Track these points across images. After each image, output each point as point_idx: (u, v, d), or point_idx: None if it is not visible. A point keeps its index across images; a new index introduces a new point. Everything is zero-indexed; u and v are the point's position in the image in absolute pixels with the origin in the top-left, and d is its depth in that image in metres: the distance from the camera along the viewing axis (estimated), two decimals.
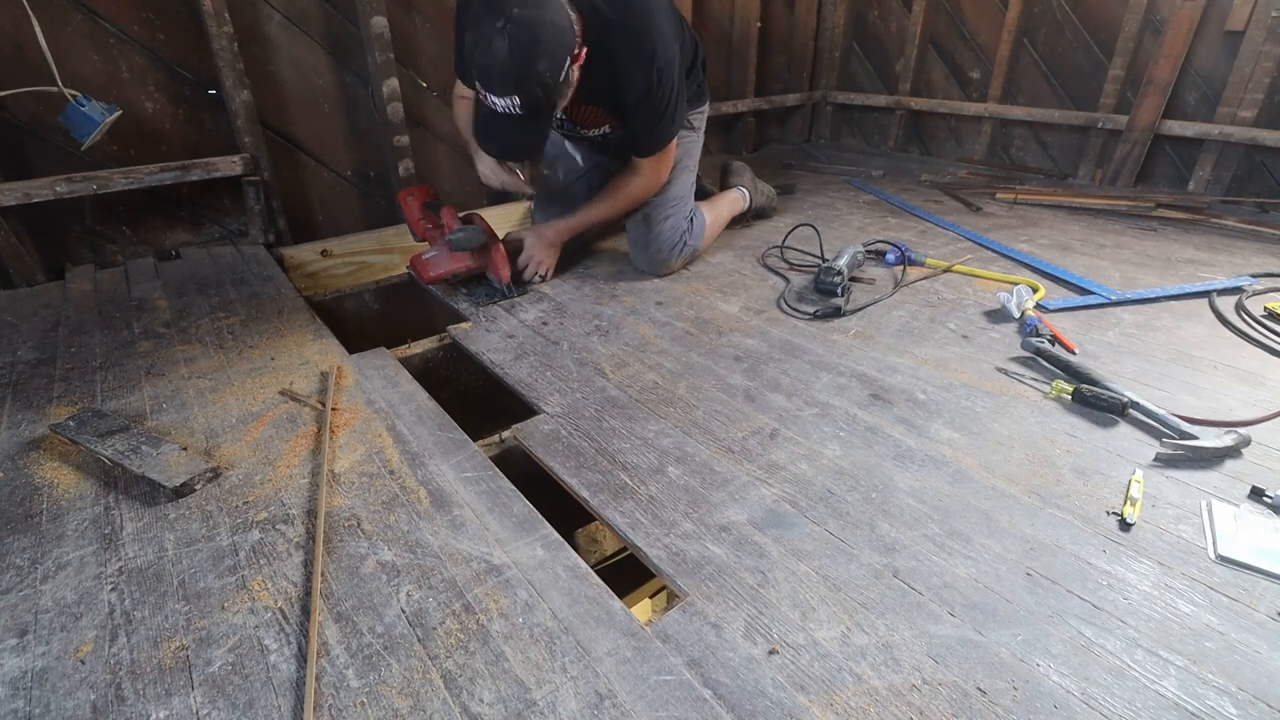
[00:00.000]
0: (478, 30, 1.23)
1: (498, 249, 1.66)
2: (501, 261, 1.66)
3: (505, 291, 1.69)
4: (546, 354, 1.42)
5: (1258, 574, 0.85)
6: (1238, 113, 2.34)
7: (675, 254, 1.80)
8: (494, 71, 1.23)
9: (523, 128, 1.33)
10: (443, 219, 1.67)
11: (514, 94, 1.25)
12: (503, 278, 1.67)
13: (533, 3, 1.22)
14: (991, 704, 0.69)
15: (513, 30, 1.20)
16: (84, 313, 1.55)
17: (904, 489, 1.01)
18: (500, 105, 1.27)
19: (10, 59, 1.59)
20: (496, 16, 1.20)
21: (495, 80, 1.25)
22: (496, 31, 1.20)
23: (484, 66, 1.24)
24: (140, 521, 0.93)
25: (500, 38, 1.20)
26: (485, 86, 1.26)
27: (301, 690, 0.69)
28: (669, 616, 0.80)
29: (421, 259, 1.67)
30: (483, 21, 1.22)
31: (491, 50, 1.21)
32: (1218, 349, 1.41)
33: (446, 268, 1.67)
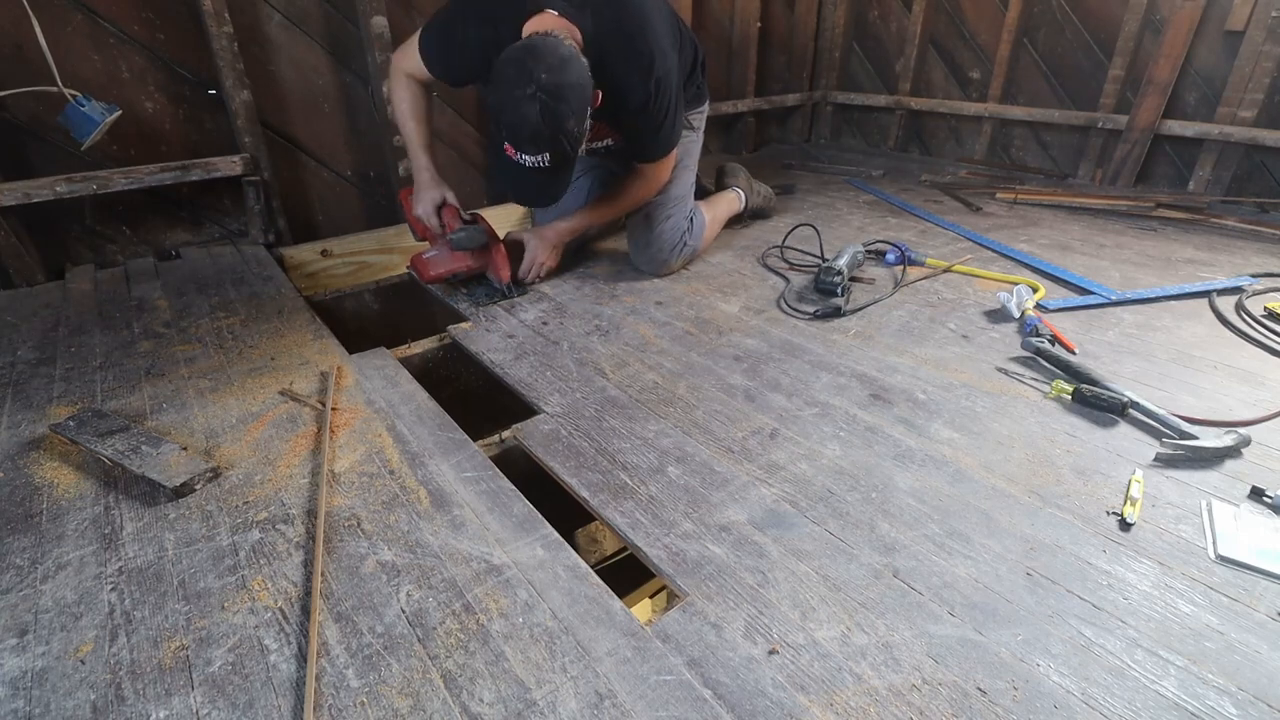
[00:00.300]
0: (505, 93, 1.26)
1: (499, 249, 1.66)
2: (502, 262, 1.66)
3: (505, 292, 1.68)
4: (546, 354, 1.42)
5: (1258, 574, 0.85)
6: (1238, 113, 2.34)
7: (676, 254, 1.80)
8: (525, 133, 1.27)
9: (551, 178, 1.37)
10: (443, 218, 1.67)
11: (545, 152, 1.29)
12: (503, 278, 1.67)
13: (556, 67, 1.25)
14: (991, 704, 0.69)
15: (543, 97, 1.23)
16: (84, 313, 1.55)
17: (904, 489, 1.01)
18: (529, 161, 1.31)
19: (10, 59, 1.59)
20: (525, 83, 1.23)
21: (527, 141, 1.28)
22: (526, 98, 1.23)
23: (514, 127, 1.27)
24: (140, 521, 0.93)
25: (530, 103, 1.23)
26: (515, 146, 1.29)
27: (301, 690, 0.69)
28: (669, 616, 0.80)
29: (422, 258, 1.66)
30: (511, 85, 1.25)
31: (522, 114, 1.25)
32: (1218, 349, 1.41)
33: (447, 267, 1.66)
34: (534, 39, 1.29)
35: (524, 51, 1.26)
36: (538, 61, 1.25)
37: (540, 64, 1.24)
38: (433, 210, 1.66)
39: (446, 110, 2.29)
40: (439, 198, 1.67)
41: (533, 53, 1.26)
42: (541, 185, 1.39)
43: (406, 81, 1.59)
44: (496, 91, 1.28)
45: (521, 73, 1.24)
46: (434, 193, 1.67)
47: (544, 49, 1.26)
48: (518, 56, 1.26)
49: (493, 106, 1.31)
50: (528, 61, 1.25)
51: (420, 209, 1.67)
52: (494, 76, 1.29)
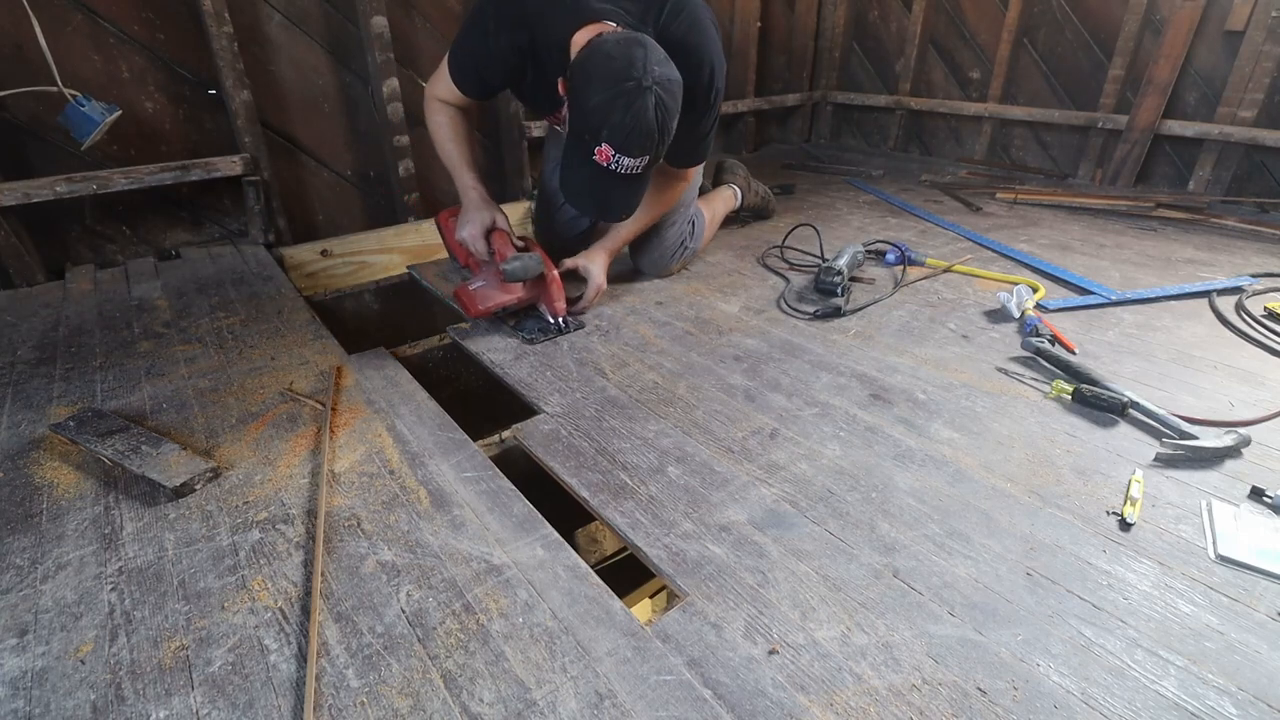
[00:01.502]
0: (609, 89, 1.15)
1: (555, 280, 1.47)
2: (558, 294, 1.48)
3: (560, 326, 1.50)
4: (546, 354, 1.42)
5: (1258, 574, 0.85)
6: (1238, 113, 2.34)
7: (677, 258, 1.80)
8: (638, 135, 1.17)
9: (640, 185, 1.29)
10: (493, 244, 1.49)
11: (648, 155, 1.21)
12: (557, 311, 1.49)
13: (664, 60, 1.19)
14: (991, 704, 0.69)
15: (659, 91, 1.16)
16: (84, 313, 1.55)
17: (904, 489, 1.01)
18: (627, 166, 1.21)
19: (10, 59, 1.59)
20: (640, 76, 1.14)
21: (637, 143, 1.18)
22: (641, 91, 1.14)
23: (626, 128, 1.16)
24: (140, 521, 0.93)
25: (645, 98, 1.15)
26: (621, 148, 1.18)
27: (301, 690, 0.69)
28: (669, 616, 0.80)
29: (468, 290, 1.47)
30: (618, 79, 1.15)
31: (635, 111, 1.15)
32: (1218, 349, 1.41)
33: (497, 300, 1.46)
34: (629, 34, 1.21)
35: (630, 44, 1.17)
36: (650, 53, 1.16)
37: (652, 55, 1.16)
38: (481, 235, 1.50)
39: None
40: (489, 221, 1.51)
41: (642, 44, 1.17)
42: (628, 194, 1.29)
43: (441, 106, 1.52)
44: (599, 90, 1.16)
45: (631, 65, 1.14)
46: (484, 215, 1.51)
47: (650, 43, 1.18)
48: (622, 50, 1.16)
49: (593, 111, 1.17)
50: (637, 53, 1.15)
51: (467, 232, 1.51)
52: (585, 74, 1.18)
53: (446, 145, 1.53)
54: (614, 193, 1.27)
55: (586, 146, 1.20)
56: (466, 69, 1.45)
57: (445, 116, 1.52)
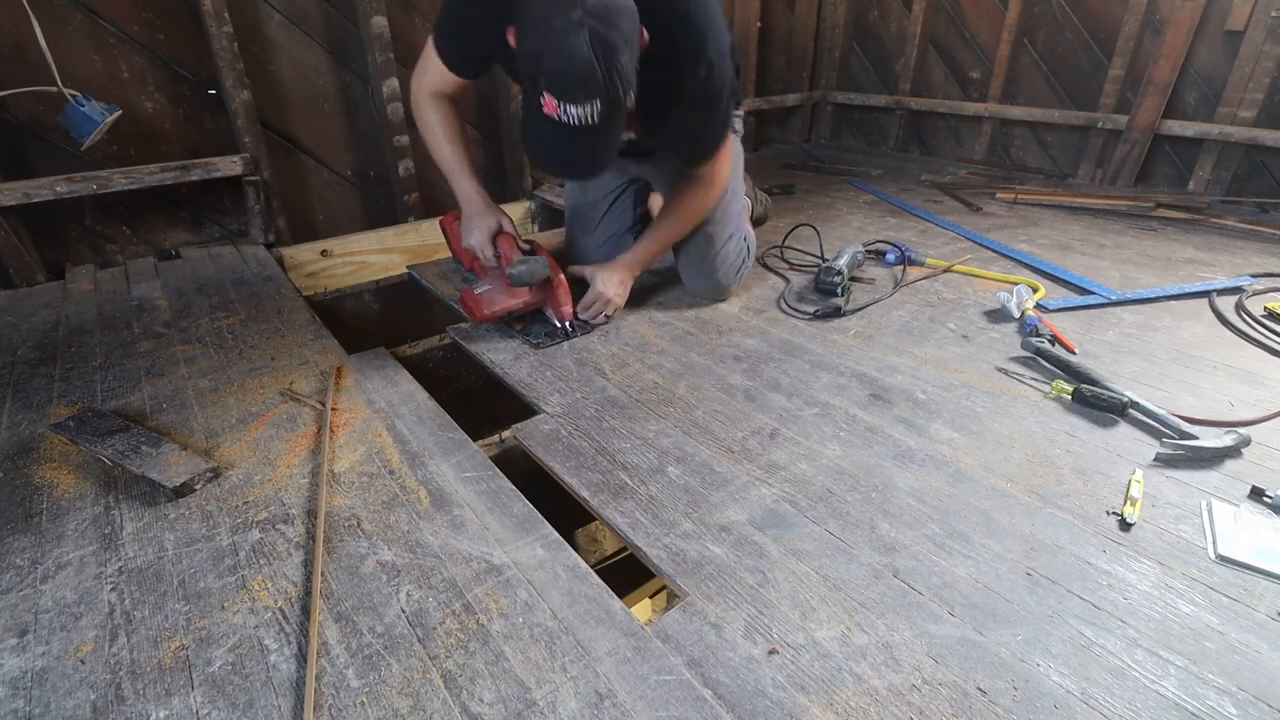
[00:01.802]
0: (543, 28, 1.02)
1: (562, 284, 1.45)
2: (565, 297, 1.46)
3: (567, 331, 1.47)
4: (546, 354, 1.42)
5: (1258, 574, 0.85)
6: (1238, 113, 2.34)
7: (738, 276, 1.66)
8: (574, 77, 1.01)
9: (600, 138, 1.12)
10: (499, 248, 1.46)
11: (596, 98, 1.04)
12: (564, 316, 1.47)
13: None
14: (991, 704, 0.69)
15: (591, 23, 0.99)
16: (84, 313, 1.55)
17: (904, 489, 1.01)
18: (575, 116, 1.05)
19: (10, 59, 1.59)
20: (568, 8, 1.00)
21: (576, 87, 1.02)
22: (572, 26, 0.99)
23: (559, 72, 1.01)
24: (140, 521, 0.93)
25: (578, 33, 0.99)
26: (561, 94, 1.03)
27: (301, 690, 0.69)
28: (669, 616, 0.80)
29: (474, 295, 1.44)
30: (548, 16, 1.01)
31: (569, 49, 1.00)
32: (1218, 349, 1.41)
33: (502, 305, 1.44)
34: None
35: None
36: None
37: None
38: (488, 239, 1.45)
39: None
40: (494, 225, 1.45)
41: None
42: (588, 149, 1.13)
43: (432, 102, 1.42)
44: (530, 33, 1.05)
45: (562, 4, 1.00)
46: (489, 219, 1.45)
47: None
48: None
49: (528, 56, 1.05)
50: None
51: (474, 238, 1.45)
52: (519, 14, 1.07)
53: (442, 147, 1.46)
54: (572, 148, 1.12)
55: (532, 99, 1.08)
56: (459, 48, 1.35)
57: (437, 114, 1.43)
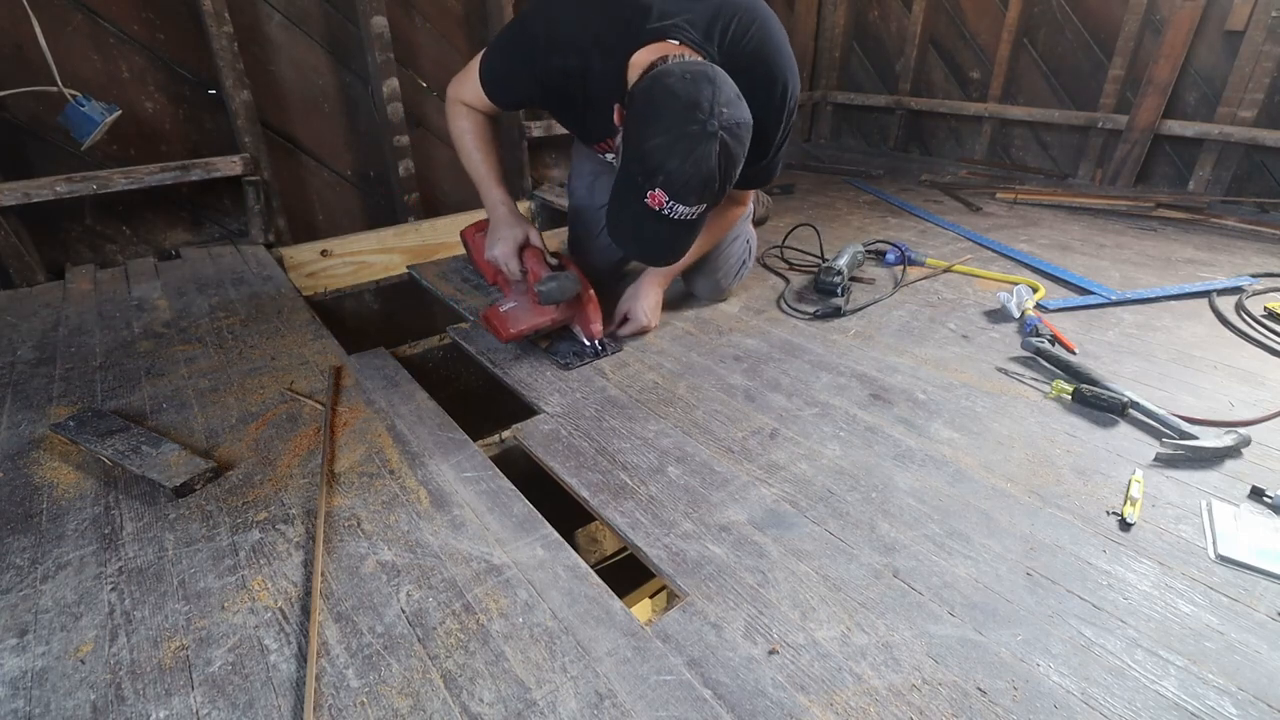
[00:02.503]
0: (674, 130, 1.01)
1: (591, 300, 1.38)
2: (595, 315, 1.39)
3: (597, 350, 1.40)
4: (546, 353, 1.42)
5: (1258, 574, 0.85)
6: (1238, 113, 2.34)
7: (738, 276, 1.67)
8: (697, 181, 1.02)
9: (691, 231, 1.13)
10: (526, 262, 1.38)
11: (705, 204, 1.07)
12: (594, 334, 1.39)
13: (735, 100, 1.04)
14: (991, 704, 0.69)
15: (725, 137, 1.01)
16: (84, 313, 1.55)
17: (904, 489, 1.01)
18: (680, 213, 1.06)
19: (10, 59, 1.59)
20: (705, 119, 1.00)
21: (695, 190, 1.03)
22: (706, 136, 1.00)
23: (682, 176, 1.02)
24: (140, 521, 0.93)
25: (709, 144, 1.00)
26: (675, 196, 1.04)
27: (301, 690, 0.69)
28: (669, 616, 0.80)
29: (498, 312, 1.36)
30: (682, 121, 1.00)
31: (697, 157, 1.01)
32: (1218, 349, 1.41)
33: (530, 323, 1.36)
34: (698, 65, 1.05)
35: (698, 78, 1.02)
36: (719, 90, 1.02)
37: (721, 94, 1.02)
38: (514, 252, 1.37)
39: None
40: (521, 237, 1.38)
41: (711, 79, 1.02)
42: (678, 239, 1.14)
43: (466, 111, 1.38)
44: (658, 131, 1.02)
45: (697, 106, 1.00)
46: (515, 231, 1.38)
47: (721, 78, 1.04)
48: (688, 86, 1.01)
49: (650, 152, 1.02)
50: (705, 91, 1.01)
51: (499, 251, 1.38)
52: (645, 108, 1.04)
53: (473, 155, 1.41)
54: (663, 237, 1.13)
55: (638, 187, 1.06)
56: (503, 84, 1.32)
57: (470, 123, 1.39)
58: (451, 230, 2.28)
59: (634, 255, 1.20)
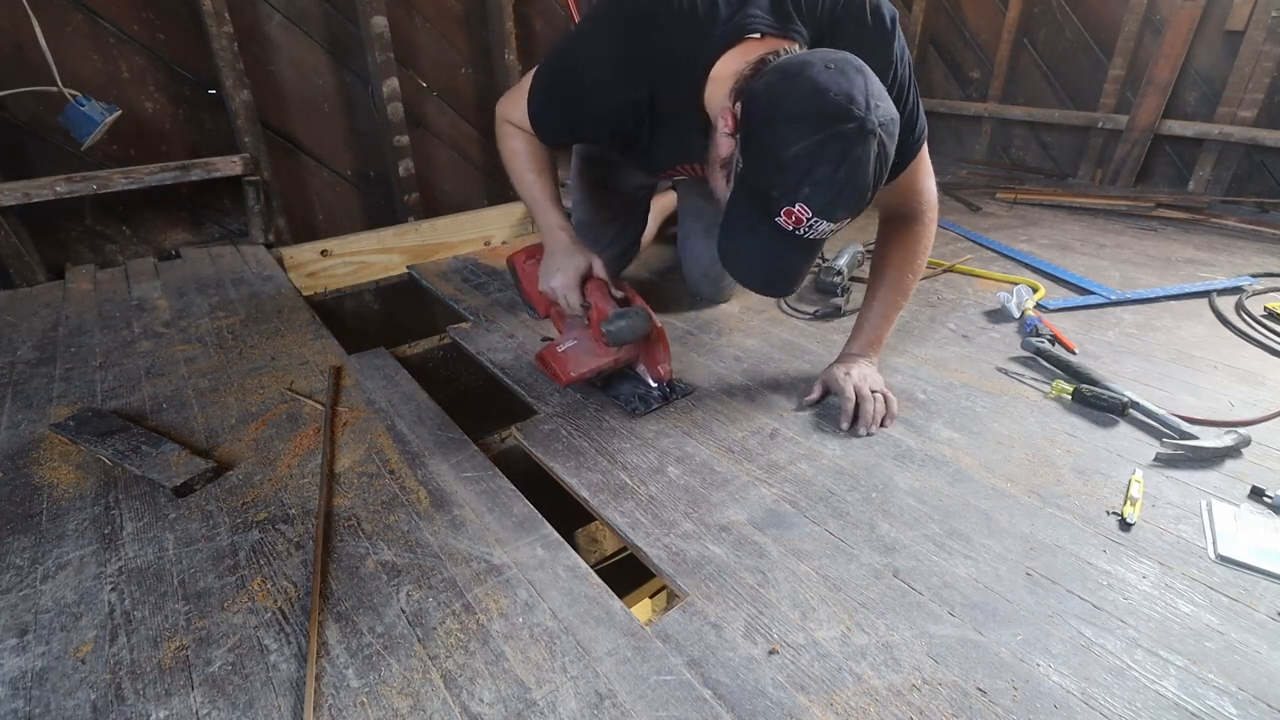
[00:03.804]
0: (824, 133, 0.83)
1: (662, 336, 1.22)
2: (664, 353, 1.23)
3: (665, 393, 1.24)
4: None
5: (1258, 574, 0.85)
6: (1238, 113, 2.34)
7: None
8: (851, 193, 0.86)
9: (815, 253, 0.97)
10: (588, 295, 1.20)
11: (851, 217, 0.91)
12: (661, 375, 1.24)
13: (882, 92, 0.87)
14: (991, 704, 0.69)
15: (883, 137, 0.85)
16: (84, 313, 1.55)
17: (904, 489, 1.01)
18: (819, 232, 0.90)
19: (10, 59, 1.59)
20: (863, 115, 0.82)
21: (846, 204, 0.87)
22: (865, 137, 0.83)
23: (838, 186, 0.85)
24: (140, 521, 0.93)
25: (868, 145, 0.84)
26: (822, 211, 0.87)
27: (301, 690, 0.69)
28: (669, 616, 0.80)
29: (556, 353, 1.23)
30: (831, 119, 0.83)
31: (853, 163, 0.84)
32: (1218, 349, 1.41)
33: (592, 365, 1.21)
34: (836, 53, 0.88)
35: (847, 69, 0.85)
36: (870, 82, 0.85)
37: (873, 84, 0.85)
38: (575, 285, 1.20)
39: (446, 110, 2.29)
40: (583, 268, 1.21)
41: (861, 71, 0.86)
42: (803, 265, 0.98)
43: (516, 131, 1.25)
44: (788, 132, 0.85)
45: (851, 100, 0.82)
46: (576, 261, 1.20)
47: (864, 67, 0.87)
48: (836, 78, 0.84)
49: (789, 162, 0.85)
50: (857, 82, 0.84)
51: (558, 283, 1.20)
52: (777, 109, 0.87)
53: (525, 177, 1.27)
54: (791, 263, 0.97)
55: (767, 206, 0.89)
56: (554, 127, 1.20)
57: (522, 143, 1.25)
58: (451, 230, 2.29)
59: (756, 286, 1.04)
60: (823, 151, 0.84)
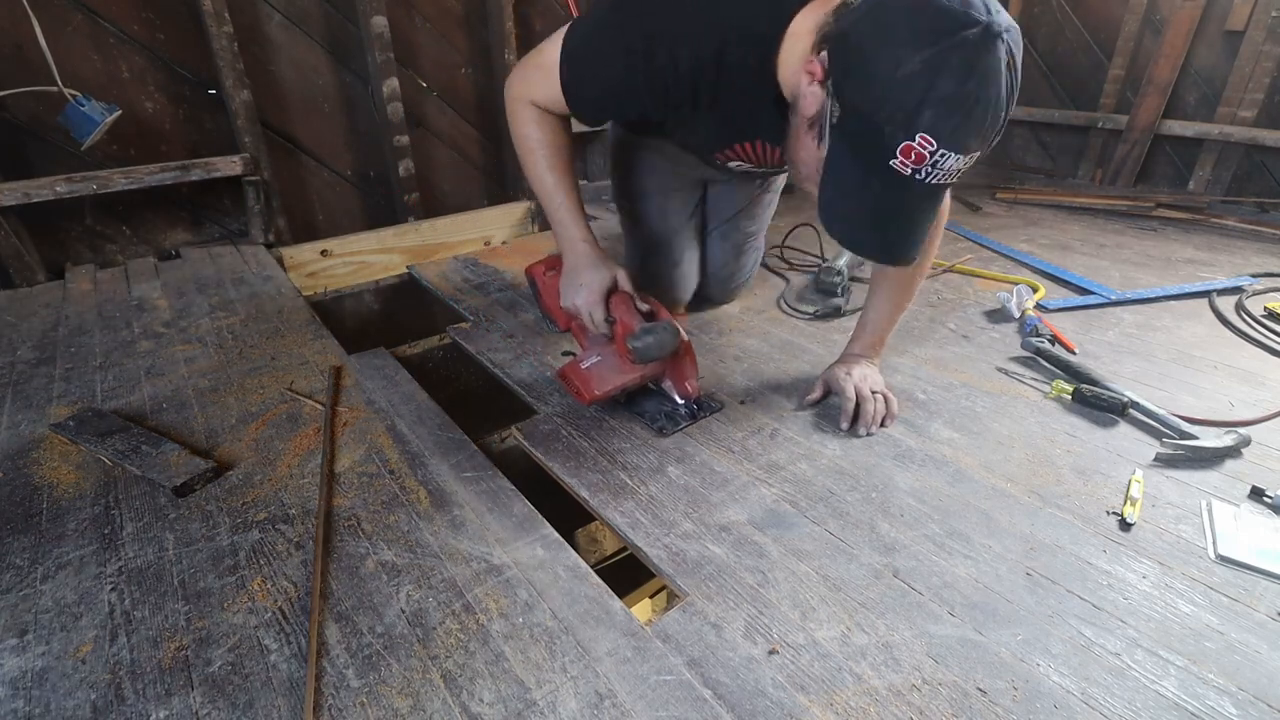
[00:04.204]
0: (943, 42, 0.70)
1: (690, 351, 1.18)
2: (692, 368, 1.19)
3: (693, 411, 1.19)
4: (546, 353, 1.42)
5: (1258, 574, 0.85)
6: (1238, 113, 2.34)
7: (750, 279, 1.59)
8: (984, 110, 0.73)
9: (939, 201, 0.87)
10: (613, 310, 1.15)
11: (984, 147, 0.78)
12: (689, 392, 1.19)
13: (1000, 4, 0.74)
14: (991, 704, 0.69)
15: (1011, 43, 0.72)
16: (84, 313, 1.55)
17: (904, 489, 1.01)
18: (946, 171, 0.78)
19: (10, 59, 1.59)
20: (981, 16, 0.70)
21: (981, 125, 0.75)
22: (991, 40, 0.70)
23: (967, 104, 0.72)
24: (140, 521, 0.93)
25: (997, 49, 0.71)
26: (949, 139, 0.74)
27: (301, 690, 0.69)
28: (669, 616, 0.80)
29: (580, 370, 1.16)
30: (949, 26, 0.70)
31: (984, 72, 0.71)
32: (1218, 349, 1.41)
33: (616, 383, 1.14)
34: None
35: None
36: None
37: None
38: (600, 300, 1.13)
39: (446, 110, 2.29)
40: (608, 281, 1.13)
41: None
42: (922, 219, 0.86)
43: (535, 115, 1.09)
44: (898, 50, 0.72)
45: (966, 7, 0.70)
46: (600, 274, 1.13)
47: None
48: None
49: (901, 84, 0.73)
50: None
51: (582, 300, 1.14)
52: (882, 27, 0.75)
53: (545, 177, 1.13)
54: (917, 217, 0.85)
55: (879, 147, 0.77)
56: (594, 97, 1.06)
57: (543, 132, 1.10)
58: (451, 230, 2.29)
59: (870, 251, 0.93)
60: (944, 64, 0.70)
